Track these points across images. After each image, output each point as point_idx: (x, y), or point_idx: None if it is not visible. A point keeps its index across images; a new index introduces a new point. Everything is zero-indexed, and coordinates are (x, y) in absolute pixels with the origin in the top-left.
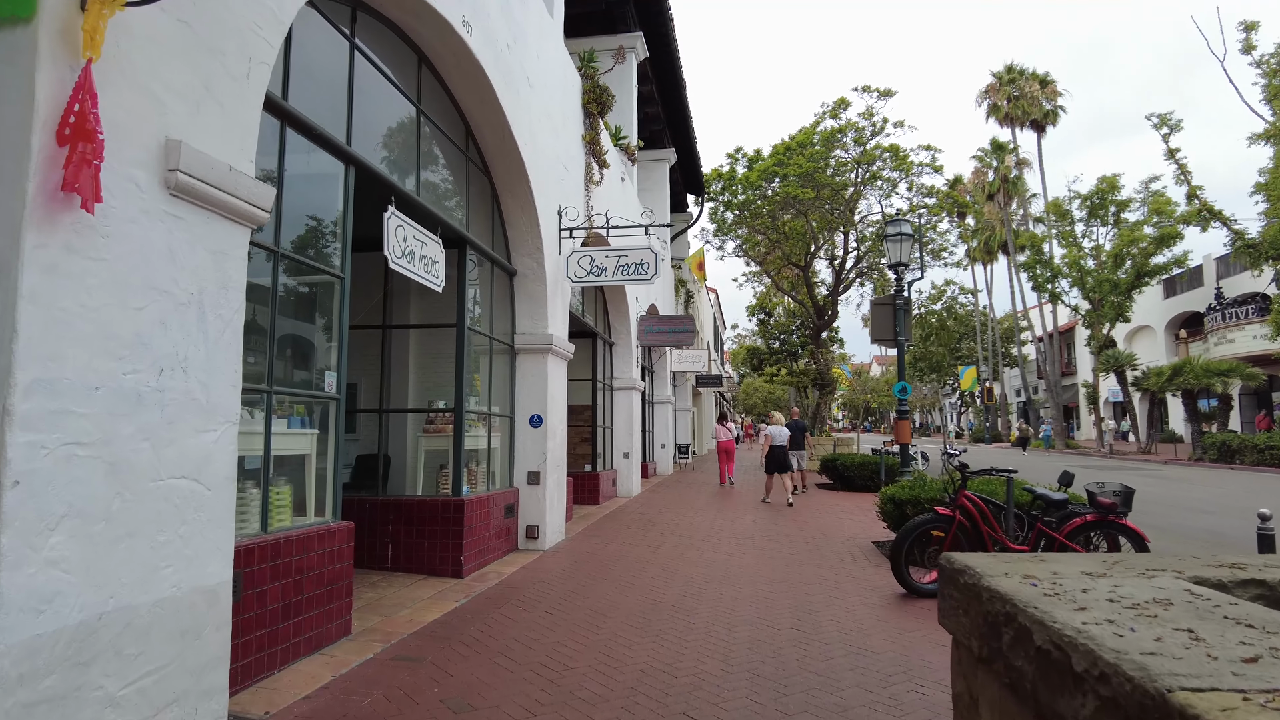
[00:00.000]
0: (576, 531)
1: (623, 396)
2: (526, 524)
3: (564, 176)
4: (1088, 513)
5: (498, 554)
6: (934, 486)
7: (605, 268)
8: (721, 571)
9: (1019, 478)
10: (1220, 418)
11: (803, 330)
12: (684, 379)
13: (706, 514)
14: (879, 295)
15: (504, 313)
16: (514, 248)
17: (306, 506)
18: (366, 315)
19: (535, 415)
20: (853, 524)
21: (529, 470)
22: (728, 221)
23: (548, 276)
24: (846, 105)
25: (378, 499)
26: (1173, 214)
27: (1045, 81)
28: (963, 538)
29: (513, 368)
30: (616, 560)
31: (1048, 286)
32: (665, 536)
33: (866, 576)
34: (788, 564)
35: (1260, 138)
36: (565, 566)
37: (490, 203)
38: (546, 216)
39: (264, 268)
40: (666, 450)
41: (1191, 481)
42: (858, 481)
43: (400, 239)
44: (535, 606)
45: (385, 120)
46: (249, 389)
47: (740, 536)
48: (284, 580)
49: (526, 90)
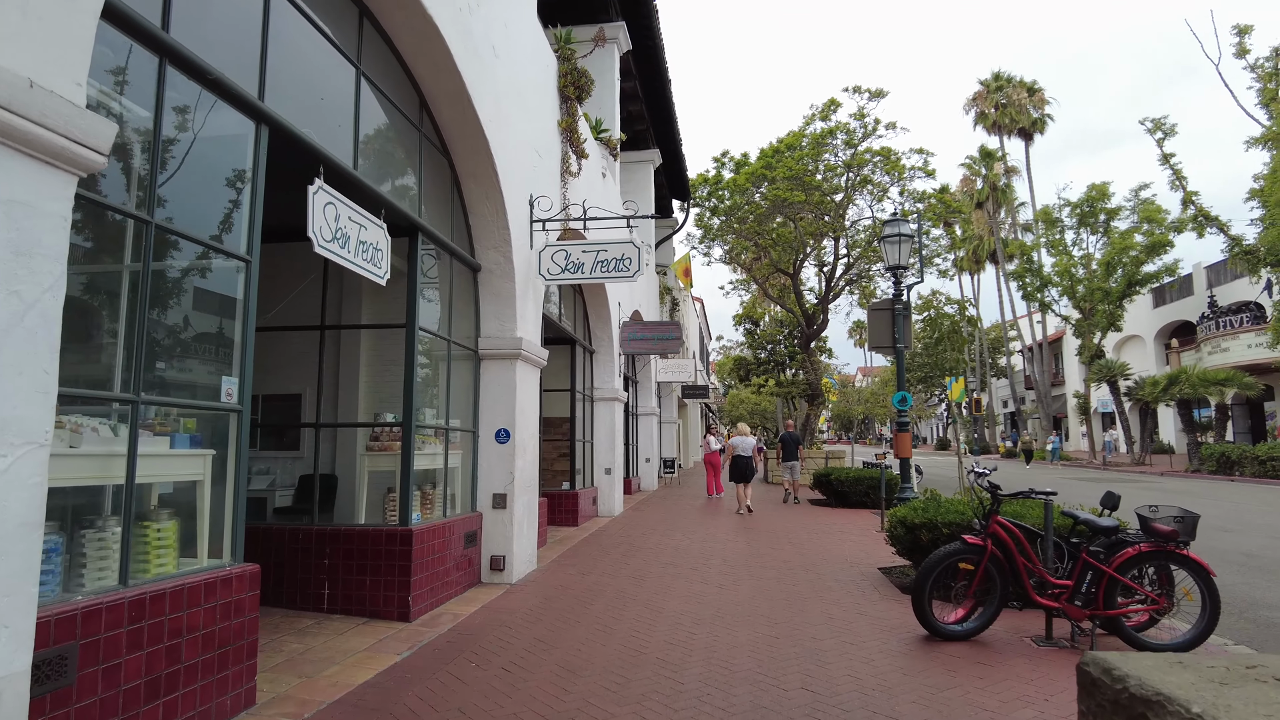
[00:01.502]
0: (550, 559)
1: (604, 408)
2: (491, 554)
3: (537, 164)
4: (1142, 541)
5: (456, 590)
6: (950, 507)
7: (582, 264)
8: (714, 609)
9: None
10: (1218, 428)
11: (791, 339)
12: (669, 390)
13: (695, 535)
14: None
15: (466, 313)
16: (478, 240)
17: (198, 546)
18: (303, 314)
19: (502, 429)
20: (854, 546)
21: (494, 492)
22: (714, 227)
23: (517, 273)
24: (837, 106)
25: (312, 528)
26: (1163, 221)
27: (1033, 90)
28: (995, 571)
29: (476, 376)
30: (594, 595)
31: (1038, 295)
32: (649, 564)
33: (880, 614)
34: (788, 598)
35: (1258, 141)
36: (534, 605)
37: (450, 188)
38: (516, 206)
39: (131, 242)
40: (651, 464)
41: (1197, 495)
42: (853, 497)
43: (330, 219)
44: (492, 661)
45: (314, 80)
46: (101, 398)
47: (733, 563)
48: (152, 648)
49: (492, 60)
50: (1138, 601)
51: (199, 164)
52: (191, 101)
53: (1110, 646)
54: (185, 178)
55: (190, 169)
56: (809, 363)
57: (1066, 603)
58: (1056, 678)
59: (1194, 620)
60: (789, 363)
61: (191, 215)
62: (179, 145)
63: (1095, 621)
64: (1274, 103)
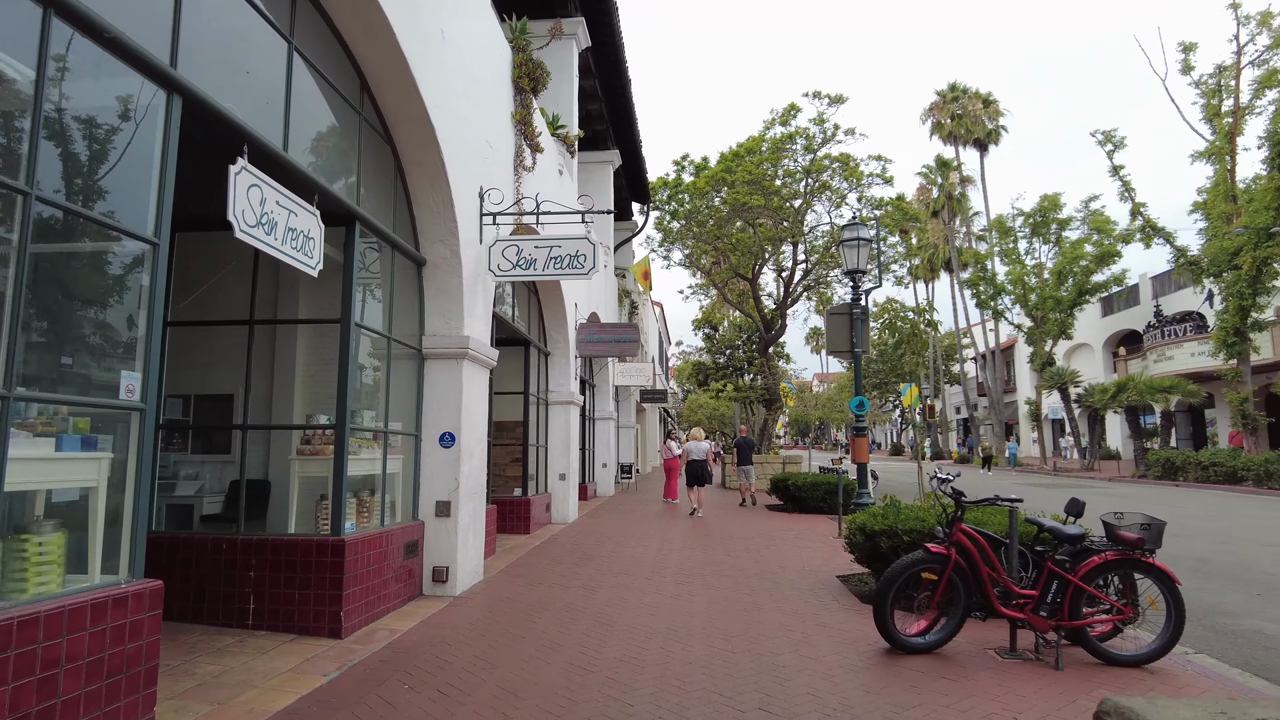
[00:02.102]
0: (499, 569)
1: (559, 412)
2: (433, 565)
3: (488, 155)
4: (1108, 550)
5: (394, 603)
6: (910, 514)
7: (535, 260)
8: (668, 621)
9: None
10: (1163, 434)
11: (749, 344)
12: (627, 394)
13: (650, 543)
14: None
15: (409, 309)
16: (423, 232)
17: (89, 561)
18: (237, 308)
19: (446, 433)
20: (811, 553)
21: (437, 500)
22: (674, 231)
23: (464, 268)
24: (797, 111)
25: (237, 538)
26: (1112, 232)
27: (988, 101)
28: (959, 581)
29: (420, 376)
30: (542, 608)
31: (991, 303)
32: (602, 574)
33: (839, 624)
34: (745, 609)
35: (1202, 155)
36: (477, 619)
37: (393, 176)
38: (465, 198)
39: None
40: (608, 470)
41: (1143, 500)
42: (810, 502)
43: (255, 202)
44: (427, 682)
45: (239, 51)
46: None
47: (688, 571)
48: (19, 681)
49: (440, 43)
50: (1103, 611)
51: (97, 134)
52: (87, 62)
53: (1076, 659)
54: (79, 148)
55: (86, 139)
56: (767, 367)
57: (1032, 613)
58: (1023, 693)
59: (1159, 630)
60: (747, 368)
61: (86, 190)
62: (72, 111)
63: (1061, 632)
64: (1217, 118)
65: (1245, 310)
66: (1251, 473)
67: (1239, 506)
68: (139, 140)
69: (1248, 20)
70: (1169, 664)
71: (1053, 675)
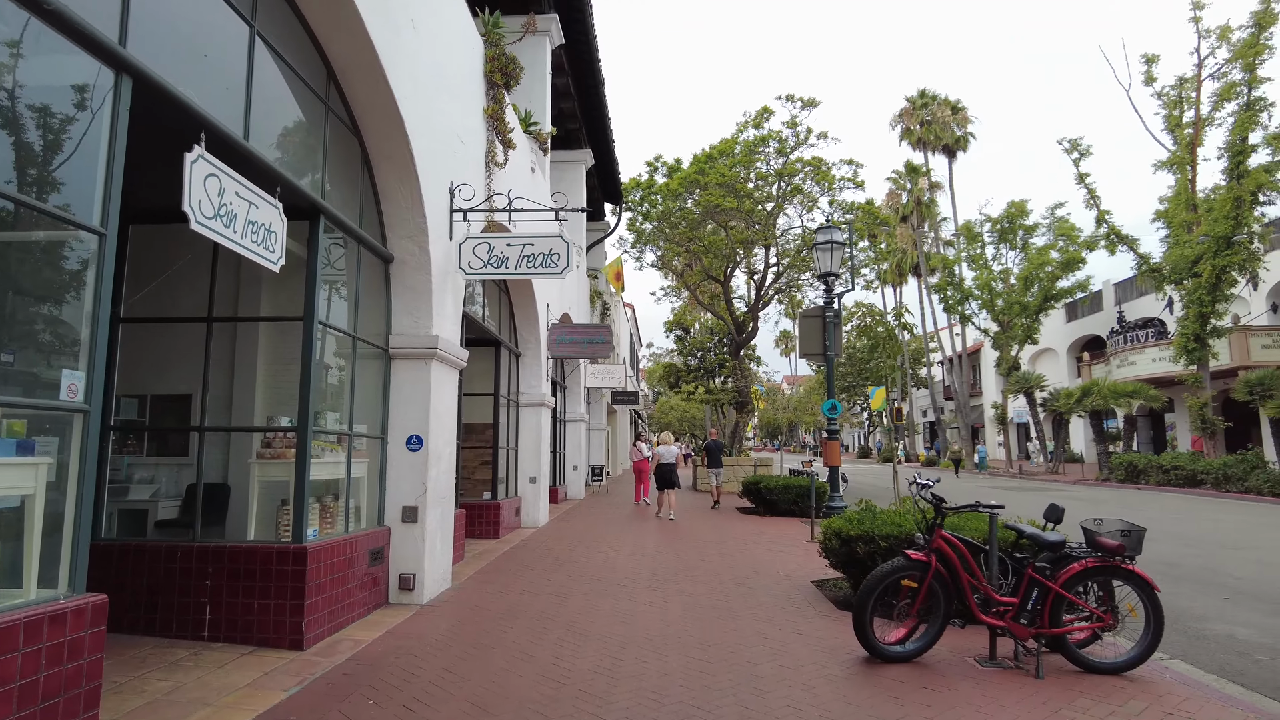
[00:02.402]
0: (468, 575)
1: (530, 414)
2: (400, 572)
3: (459, 150)
4: (1088, 556)
5: (359, 612)
6: (886, 519)
7: (507, 258)
8: (643, 630)
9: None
10: (1126, 438)
11: (720, 347)
12: (598, 396)
13: (623, 547)
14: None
15: (376, 307)
16: (391, 228)
17: (24, 574)
18: (187, 304)
19: (414, 436)
20: (785, 557)
21: (404, 505)
22: (646, 232)
23: (434, 266)
24: (770, 114)
25: (193, 545)
26: (1077, 239)
27: (957, 108)
28: (939, 589)
29: (387, 377)
30: (512, 617)
31: (959, 308)
32: (575, 580)
33: (817, 632)
34: (720, 616)
35: (1164, 165)
36: (445, 629)
37: (360, 170)
38: (434, 193)
39: None
40: (579, 473)
41: (1109, 503)
42: (781, 505)
43: (213, 193)
44: (393, 697)
45: (196, 33)
46: None
47: (662, 577)
48: None
49: (410, 34)
50: (1083, 618)
51: (39, 117)
52: (25, 37)
53: (1055, 666)
54: (20, 131)
55: (27, 121)
56: (739, 370)
57: (1012, 621)
58: (1006, 703)
59: (1137, 637)
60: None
61: (26, 177)
62: (10, 91)
63: (1040, 640)
64: (1178, 129)
65: (1205, 317)
66: (1210, 476)
67: (1199, 509)
68: (85, 124)
69: (1208, 34)
70: (1147, 671)
71: (1034, 684)
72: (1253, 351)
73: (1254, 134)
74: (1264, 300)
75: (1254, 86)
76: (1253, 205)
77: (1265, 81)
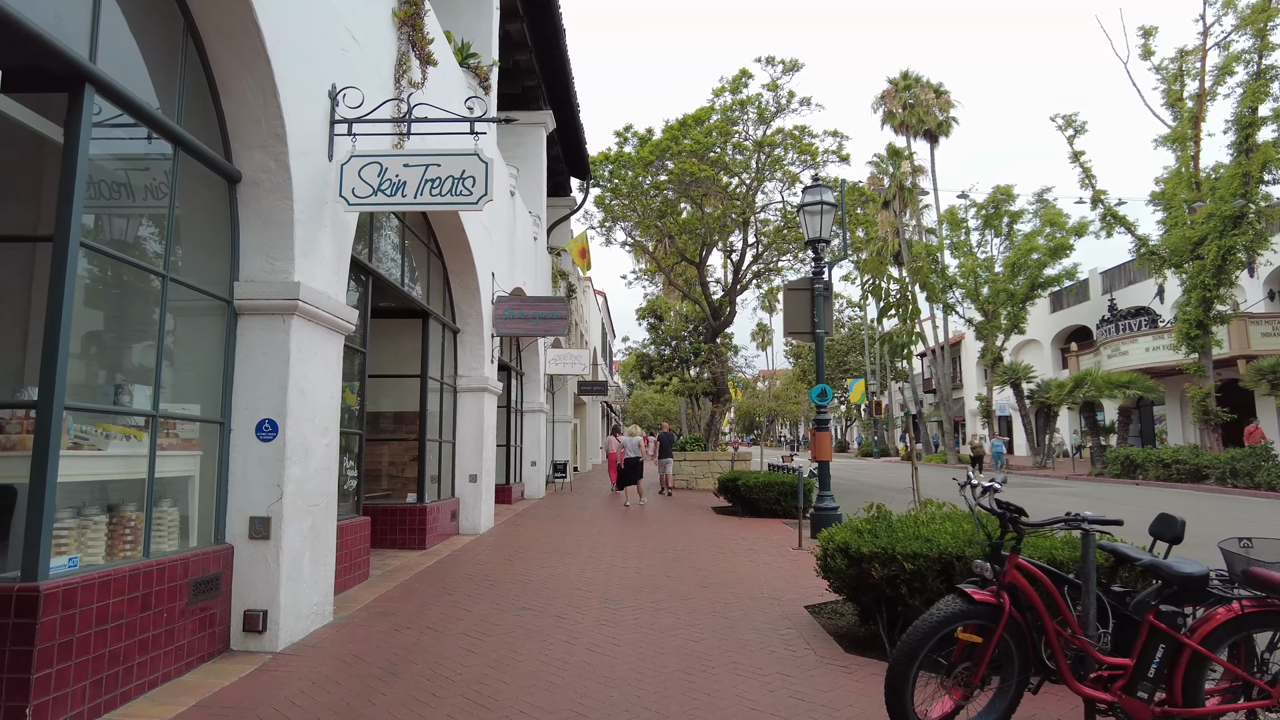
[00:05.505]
0: (363, 604)
1: (471, 400)
2: (246, 608)
3: (349, 50)
4: (1243, 598)
5: (172, 669)
6: (907, 530)
7: (404, 183)
8: (575, 697)
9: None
10: (1120, 430)
11: (696, 335)
12: (562, 385)
13: (575, 558)
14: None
15: (214, 244)
16: (236, 135)
17: None
18: None
19: (266, 420)
20: (769, 570)
21: (253, 515)
22: (615, 209)
23: (296, 188)
24: (749, 78)
25: None
26: (1064, 225)
27: (940, 91)
28: (1011, 643)
29: (231, 339)
30: (393, 676)
31: (941, 296)
32: (501, 609)
33: (823, 694)
34: (688, 668)
35: (1164, 141)
36: (292, 694)
37: (183, 42)
38: (301, 94)
39: None
40: (538, 469)
41: (1110, 499)
42: (762, 506)
43: None
44: None
45: None
46: None
47: (618, 602)
48: None
49: None
50: (1230, 688)
51: None
52: None
53: None
54: None
55: None
56: (715, 356)
57: (1124, 694)
58: None
59: None
60: (694, 359)
61: None
62: None
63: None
64: (1179, 103)
65: (1209, 302)
66: (1215, 470)
67: (1215, 506)
68: None
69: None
70: None
71: None
72: (1253, 340)
73: (1263, 106)
74: (1261, 287)
75: (1264, 54)
76: (1259, 183)
77: (1277, 49)
